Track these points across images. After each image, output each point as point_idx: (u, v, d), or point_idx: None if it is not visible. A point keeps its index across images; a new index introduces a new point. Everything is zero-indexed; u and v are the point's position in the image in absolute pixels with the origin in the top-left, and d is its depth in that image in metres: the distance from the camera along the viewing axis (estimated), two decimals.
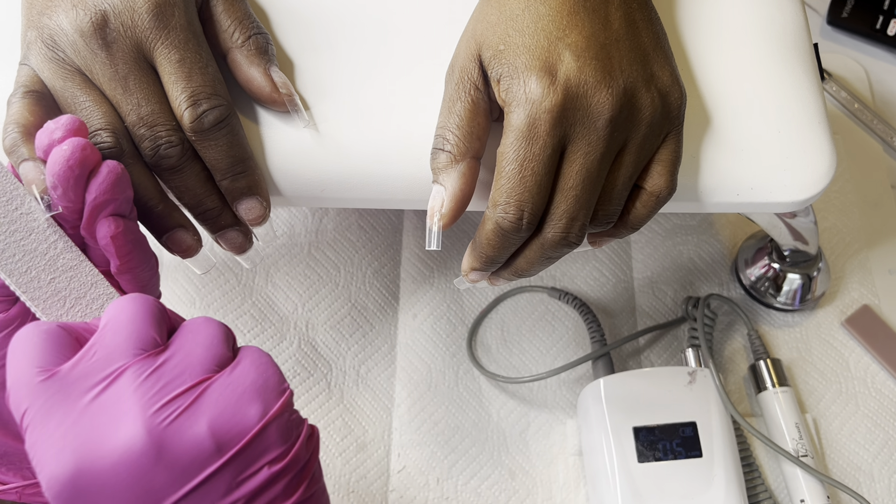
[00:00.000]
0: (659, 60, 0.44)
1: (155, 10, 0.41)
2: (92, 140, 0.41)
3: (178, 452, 0.31)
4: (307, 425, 0.35)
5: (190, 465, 0.31)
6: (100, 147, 0.41)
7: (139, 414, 0.31)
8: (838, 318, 0.69)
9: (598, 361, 0.64)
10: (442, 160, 0.42)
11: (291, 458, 0.33)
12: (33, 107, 0.41)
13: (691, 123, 0.47)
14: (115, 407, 0.32)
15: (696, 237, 0.71)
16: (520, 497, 0.62)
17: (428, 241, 0.43)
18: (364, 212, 0.71)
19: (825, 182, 0.47)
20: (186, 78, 0.41)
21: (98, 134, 0.41)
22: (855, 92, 0.79)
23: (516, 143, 0.40)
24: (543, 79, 0.40)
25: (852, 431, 0.64)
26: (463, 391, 0.65)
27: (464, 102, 0.42)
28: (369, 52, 0.48)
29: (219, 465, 0.31)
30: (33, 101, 0.42)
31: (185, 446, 0.31)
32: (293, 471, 0.33)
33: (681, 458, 0.58)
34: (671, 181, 0.44)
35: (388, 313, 0.68)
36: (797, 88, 0.49)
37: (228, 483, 0.32)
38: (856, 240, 0.72)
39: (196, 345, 0.34)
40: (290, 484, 0.33)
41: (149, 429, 0.31)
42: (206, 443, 0.31)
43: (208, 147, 0.42)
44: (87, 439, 0.31)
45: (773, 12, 0.51)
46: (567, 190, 0.41)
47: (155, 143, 0.41)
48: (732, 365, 0.67)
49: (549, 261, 0.44)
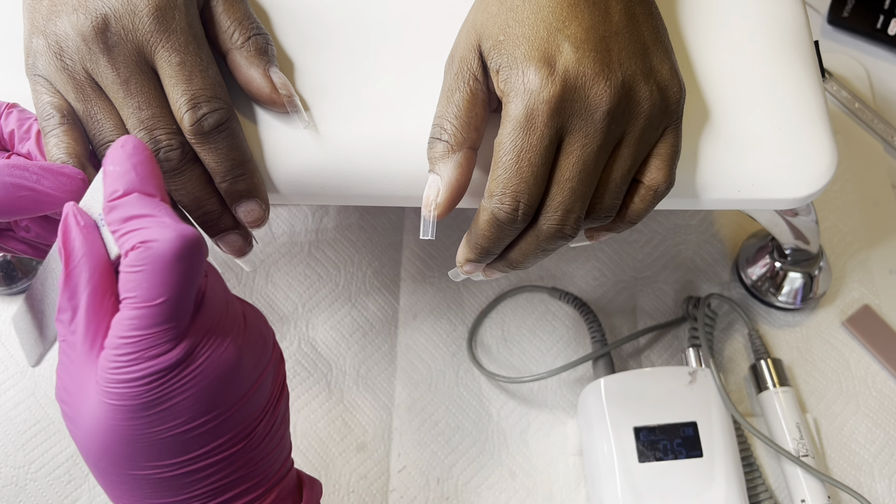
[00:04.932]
0: (658, 54, 0.44)
1: (156, 13, 0.41)
2: (103, 151, 0.42)
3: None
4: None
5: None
6: None
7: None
8: (839, 317, 0.69)
9: (598, 361, 0.64)
10: (439, 150, 0.42)
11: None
12: (74, 133, 0.42)
13: (691, 119, 0.47)
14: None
15: (697, 236, 0.71)
16: (520, 497, 0.62)
17: (423, 231, 0.43)
18: (364, 211, 0.71)
19: (826, 179, 0.47)
20: (187, 81, 0.41)
21: (109, 146, 0.42)
22: (855, 91, 0.79)
23: (514, 134, 0.40)
24: (542, 69, 0.40)
25: (853, 431, 0.64)
26: (463, 391, 0.65)
27: (462, 92, 0.42)
28: (369, 51, 0.48)
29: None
30: (71, 127, 0.42)
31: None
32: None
33: (681, 458, 0.58)
34: (669, 175, 0.44)
35: (388, 313, 0.68)
36: (798, 85, 0.49)
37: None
38: (856, 239, 0.72)
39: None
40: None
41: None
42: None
43: (208, 150, 0.42)
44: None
45: (773, 10, 0.51)
46: (563, 182, 0.41)
47: (154, 146, 0.41)
48: (733, 365, 0.67)
49: (545, 253, 0.44)
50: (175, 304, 0.33)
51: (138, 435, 0.34)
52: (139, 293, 0.33)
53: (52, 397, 0.63)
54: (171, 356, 0.34)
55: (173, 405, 0.34)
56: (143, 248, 0.33)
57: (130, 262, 0.33)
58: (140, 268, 0.33)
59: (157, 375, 0.34)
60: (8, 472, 0.61)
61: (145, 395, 0.34)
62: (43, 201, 0.38)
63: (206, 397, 0.35)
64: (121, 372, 0.33)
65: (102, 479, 0.37)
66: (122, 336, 0.33)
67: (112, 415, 0.34)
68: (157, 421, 0.34)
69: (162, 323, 0.33)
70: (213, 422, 0.36)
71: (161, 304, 0.33)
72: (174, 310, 0.33)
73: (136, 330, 0.33)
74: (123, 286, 0.34)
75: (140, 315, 0.33)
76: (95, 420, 0.35)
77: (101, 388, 0.34)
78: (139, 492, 0.36)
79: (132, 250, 0.33)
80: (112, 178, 0.35)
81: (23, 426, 0.62)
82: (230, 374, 0.36)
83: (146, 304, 0.33)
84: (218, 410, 0.36)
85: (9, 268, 0.66)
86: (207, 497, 0.37)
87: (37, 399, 0.63)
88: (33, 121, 0.43)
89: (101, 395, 0.34)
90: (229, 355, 0.35)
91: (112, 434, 0.34)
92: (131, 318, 0.33)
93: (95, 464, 0.36)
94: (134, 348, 0.33)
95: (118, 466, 0.36)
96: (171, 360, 0.34)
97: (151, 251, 0.33)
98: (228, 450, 0.37)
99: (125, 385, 0.34)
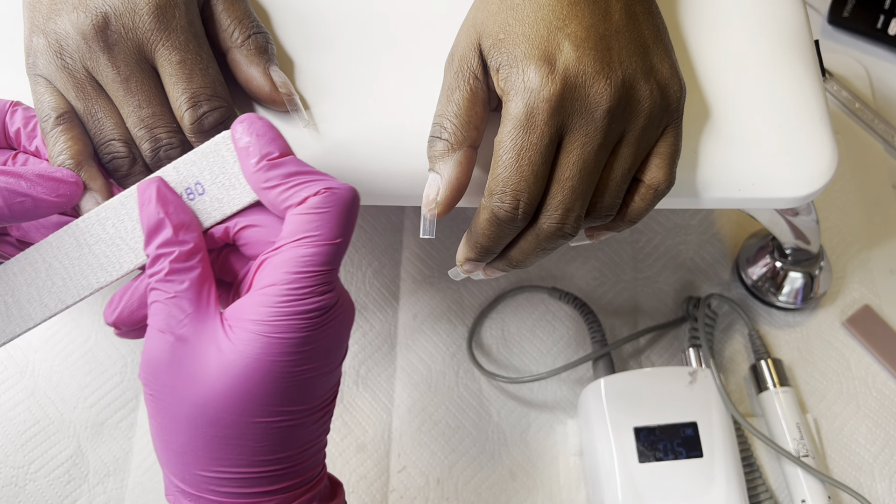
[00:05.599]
0: (659, 53, 0.44)
1: (156, 11, 0.41)
2: (104, 150, 0.42)
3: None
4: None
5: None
6: (112, 157, 0.42)
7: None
8: (839, 318, 0.68)
9: (598, 361, 0.64)
10: (439, 148, 0.42)
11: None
12: (74, 132, 0.42)
13: (692, 118, 0.47)
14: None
15: (697, 236, 0.71)
16: (520, 497, 0.62)
17: (422, 229, 0.43)
18: (364, 212, 0.71)
19: (827, 177, 0.47)
20: (187, 79, 0.41)
21: (110, 144, 0.42)
22: (856, 91, 0.79)
23: (514, 132, 0.40)
24: (542, 68, 0.40)
25: (853, 431, 0.64)
26: (463, 391, 0.65)
27: (462, 91, 0.42)
28: (369, 50, 0.48)
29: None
30: (71, 125, 0.42)
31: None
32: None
33: (681, 459, 0.57)
34: (670, 174, 0.44)
35: (388, 313, 0.68)
36: (798, 84, 0.49)
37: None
38: (857, 240, 0.72)
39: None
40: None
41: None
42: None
43: None
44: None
45: (773, 9, 0.51)
46: (563, 180, 0.41)
47: (155, 144, 0.41)
48: (733, 365, 0.67)
49: (545, 252, 0.44)
50: (345, 246, 0.38)
51: (287, 372, 0.37)
52: (323, 231, 0.37)
53: (52, 398, 0.63)
54: (333, 294, 0.37)
55: (320, 344, 0.37)
56: (328, 193, 0.37)
57: (315, 204, 0.37)
58: (326, 209, 0.37)
59: (323, 310, 0.37)
60: (7, 472, 0.61)
61: (310, 328, 0.36)
62: (40, 206, 0.39)
63: (339, 340, 0.39)
64: (293, 304, 0.36)
65: (206, 442, 0.37)
66: (298, 271, 0.36)
67: (269, 351, 0.36)
68: (307, 358, 0.37)
69: (333, 262, 0.37)
70: (335, 370, 0.39)
71: (339, 243, 0.37)
72: (343, 251, 0.38)
73: (312, 266, 0.36)
74: (301, 227, 0.37)
75: (318, 252, 0.36)
76: (242, 361, 0.36)
77: (264, 324, 0.36)
78: (247, 447, 0.37)
79: (315, 195, 0.37)
80: (262, 143, 0.38)
81: (22, 426, 0.62)
82: (350, 323, 0.39)
83: (327, 242, 0.37)
84: (338, 360, 0.39)
85: None
86: (293, 462, 0.39)
87: (36, 399, 0.63)
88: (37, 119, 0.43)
89: (258, 334, 0.36)
90: (350, 306, 0.39)
91: (261, 372, 0.36)
92: (310, 255, 0.36)
93: (215, 419, 0.37)
94: (310, 282, 0.36)
95: (245, 414, 0.37)
96: (334, 297, 0.37)
97: (337, 196, 0.37)
98: (327, 405, 0.40)
99: (295, 317, 0.36)
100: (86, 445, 0.62)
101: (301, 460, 0.39)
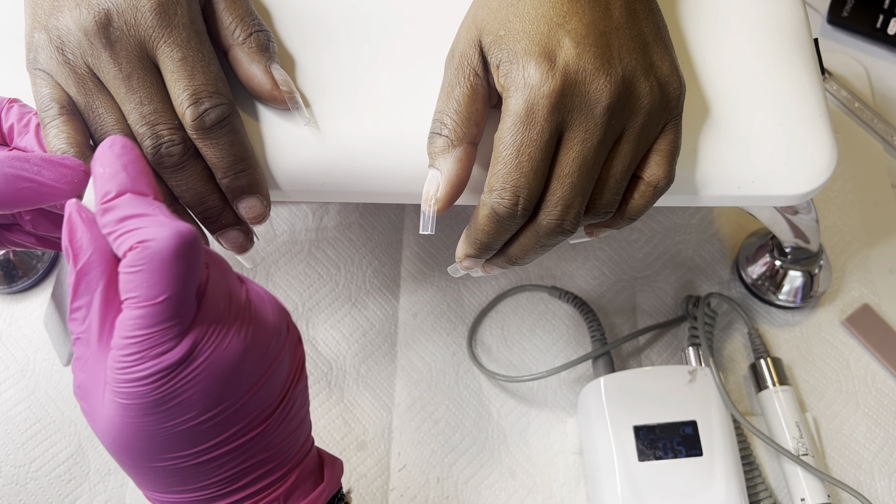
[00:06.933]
0: (659, 50, 0.44)
1: (158, 8, 0.41)
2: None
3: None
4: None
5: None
6: None
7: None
8: (838, 317, 0.69)
9: (598, 360, 0.64)
10: (439, 144, 0.43)
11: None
12: (74, 123, 0.42)
13: (691, 116, 0.47)
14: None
15: (697, 235, 0.71)
16: (520, 496, 0.62)
17: (422, 226, 0.43)
18: (365, 211, 0.71)
19: (826, 175, 0.47)
20: (188, 76, 0.41)
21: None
22: (855, 91, 0.79)
23: (514, 128, 0.40)
24: (542, 64, 0.40)
25: (853, 430, 0.64)
26: (463, 390, 0.65)
27: (463, 88, 0.43)
28: (370, 48, 0.48)
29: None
30: (71, 117, 0.42)
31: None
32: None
33: (681, 457, 0.58)
34: (669, 171, 0.44)
35: (388, 312, 0.68)
36: (797, 82, 0.49)
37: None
38: (856, 239, 0.72)
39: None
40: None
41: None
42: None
43: (210, 146, 0.42)
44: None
45: (773, 8, 0.51)
46: (563, 177, 0.41)
47: (156, 141, 0.42)
48: (733, 364, 0.67)
49: (544, 248, 0.44)
50: (176, 300, 0.33)
51: (151, 430, 0.35)
52: (140, 292, 0.33)
53: (53, 396, 0.63)
54: (175, 353, 0.34)
55: (182, 400, 0.34)
56: (140, 247, 0.33)
57: (129, 262, 0.33)
58: (139, 267, 0.33)
59: (163, 373, 0.34)
60: (8, 471, 0.61)
61: (153, 392, 0.34)
62: (45, 192, 0.38)
63: (214, 390, 0.35)
64: (128, 371, 0.34)
65: (126, 471, 0.38)
66: (127, 336, 0.33)
67: (124, 413, 0.34)
68: (168, 416, 0.35)
69: (165, 321, 0.33)
70: (226, 412, 0.36)
71: (162, 301, 0.33)
72: (176, 307, 0.33)
73: (139, 329, 0.33)
74: (124, 287, 0.34)
75: (142, 314, 0.33)
76: (110, 417, 0.35)
77: (111, 388, 0.34)
78: (162, 481, 0.37)
79: (130, 251, 0.33)
80: (103, 180, 0.35)
81: (23, 425, 0.62)
82: (237, 365, 0.36)
83: (148, 303, 0.33)
84: (229, 401, 0.36)
85: (9, 266, 0.66)
86: (228, 482, 0.38)
87: (37, 398, 0.63)
88: (33, 115, 0.43)
89: (112, 395, 0.34)
90: (235, 347, 0.35)
91: (127, 431, 0.35)
92: (134, 318, 0.33)
93: (116, 457, 0.37)
94: (139, 347, 0.33)
95: (137, 460, 0.36)
96: (175, 356, 0.34)
97: (149, 250, 0.33)
98: (244, 436, 0.37)
99: (133, 384, 0.34)
100: (87, 444, 0.62)
101: (253, 470, 0.38)
